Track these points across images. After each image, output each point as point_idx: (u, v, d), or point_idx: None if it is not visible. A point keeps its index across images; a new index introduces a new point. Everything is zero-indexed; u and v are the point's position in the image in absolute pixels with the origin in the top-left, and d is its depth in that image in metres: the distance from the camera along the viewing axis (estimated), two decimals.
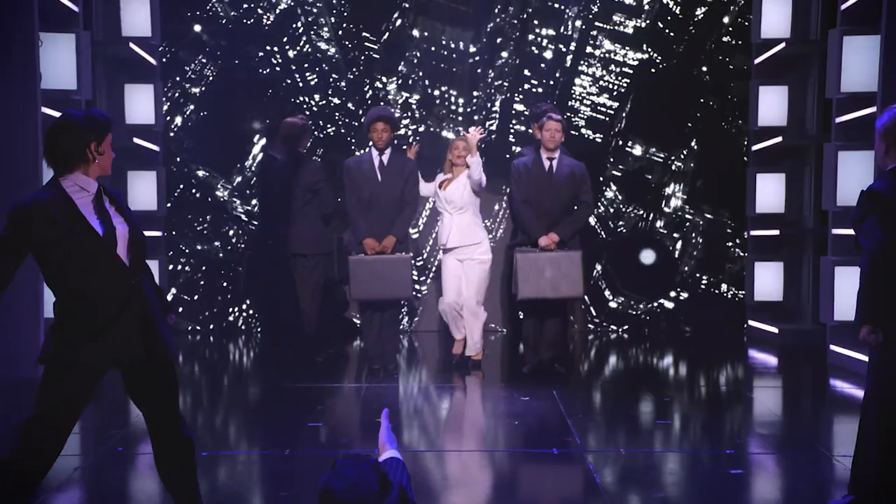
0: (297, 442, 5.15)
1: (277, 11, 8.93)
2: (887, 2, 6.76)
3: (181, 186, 9.08)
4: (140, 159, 8.44)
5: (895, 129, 3.72)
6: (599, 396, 6.50)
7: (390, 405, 6.07)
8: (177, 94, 8.97)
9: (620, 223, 9.19)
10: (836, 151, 7.23)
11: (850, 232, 5.57)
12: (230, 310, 9.12)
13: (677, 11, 8.99)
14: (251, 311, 9.04)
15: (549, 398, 6.19)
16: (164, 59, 8.83)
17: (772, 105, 8.46)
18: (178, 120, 9.01)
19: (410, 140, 8.97)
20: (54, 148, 3.22)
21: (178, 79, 8.94)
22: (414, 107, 9.05)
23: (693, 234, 9.14)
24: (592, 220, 9.01)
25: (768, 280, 8.61)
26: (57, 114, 7.18)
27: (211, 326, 9.08)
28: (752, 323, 8.92)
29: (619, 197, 9.16)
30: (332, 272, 7.72)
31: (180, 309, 9.00)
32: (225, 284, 9.12)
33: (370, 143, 7.10)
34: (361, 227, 7.01)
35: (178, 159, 9.03)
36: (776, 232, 8.55)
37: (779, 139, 8.48)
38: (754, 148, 8.80)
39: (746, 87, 8.77)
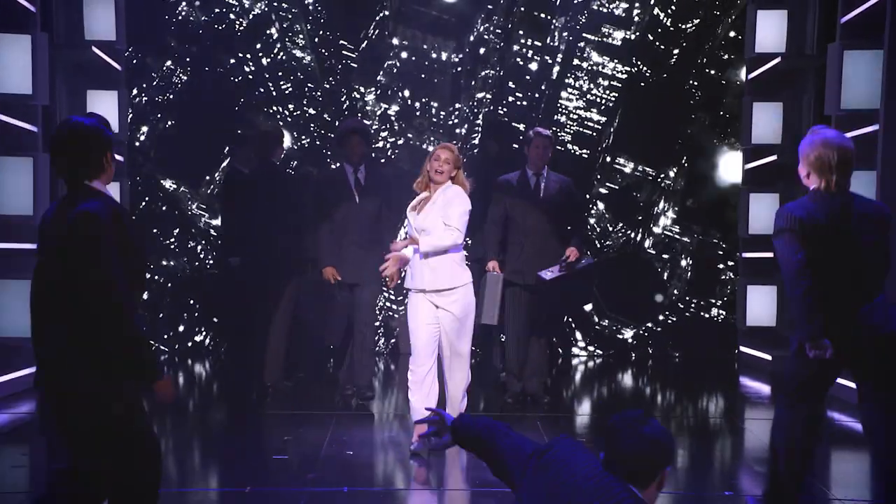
0: (259, 477, 4.76)
1: (251, 17, 8.72)
2: (890, 15, 6.50)
3: (147, 199, 8.70)
4: None
5: (812, 153, 4.00)
6: (586, 427, 6.24)
7: (364, 437, 5.67)
8: (143, 102, 8.70)
9: (607, 243, 8.90)
10: None
11: None
12: (196, 329, 8.72)
13: (668, 23, 8.83)
14: (218, 332, 8.64)
15: (534, 429, 5.84)
16: (130, 65, 8.53)
17: (766, 122, 8.26)
18: (145, 129, 8.74)
19: (389, 154, 8.65)
20: (88, 156, 3.14)
21: (144, 86, 8.67)
22: (393, 118, 8.81)
23: (683, 255, 8.86)
24: None
25: (761, 304, 8.38)
26: (11, 120, 6.83)
27: (176, 346, 8.68)
28: (743, 349, 8.72)
29: (607, 215, 8.86)
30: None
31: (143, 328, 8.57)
32: (192, 302, 8.73)
33: (343, 159, 6.74)
34: (326, 253, 6.55)
35: (144, 170, 8.67)
36: (770, 254, 8.26)
37: (773, 158, 8.26)
38: (747, 166, 8.61)
39: (739, 103, 8.58)
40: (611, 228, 8.88)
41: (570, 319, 8.76)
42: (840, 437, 6.01)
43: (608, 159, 8.92)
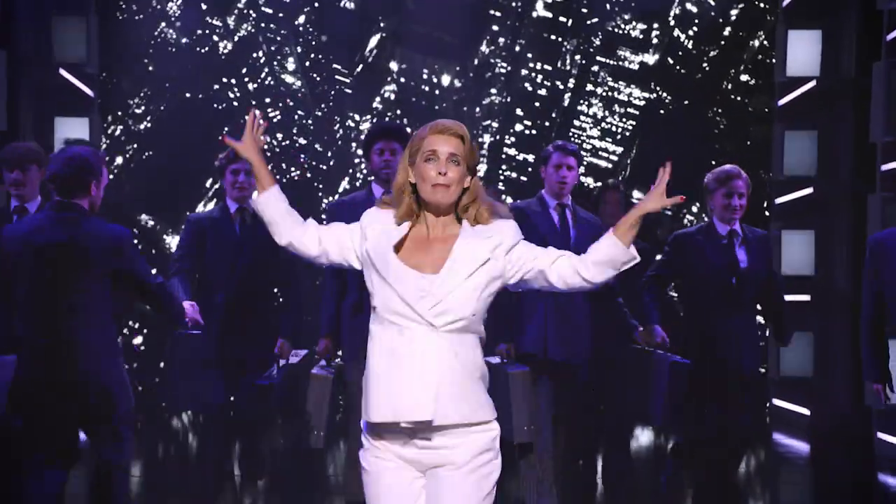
0: None
1: (236, 39, 8.33)
2: None
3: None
4: None
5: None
6: (607, 490, 5.65)
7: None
8: (118, 132, 8.31)
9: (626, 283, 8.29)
10: (881, 204, 6.40)
11: None
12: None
13: (689, 46, 8.46)
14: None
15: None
16: (103, 90, 8.08)
17: (799, 152, 7.84)
18: (119, 160, 8.34)
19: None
20: (86, 179, 3.78)
21: (119, 113, 8.26)
22: None
23: None
24: None
25: (796, 353, 7.81)
26: None
27: (153, 389, 8.13)
28: (777, 402, 8.20)
29: None
30: None
31: None
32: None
33: (369, 178, 5.18)
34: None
35: (118, 205, 8.16)
36: (805, 297, 7.81)
37: (808, 191, 7.77)
38: (778, 201, 8.11)
39: (768, 132, 8.14)
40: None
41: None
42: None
43: (625, 192, 8.43)
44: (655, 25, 8.38)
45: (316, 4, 8.26)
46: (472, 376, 2.53)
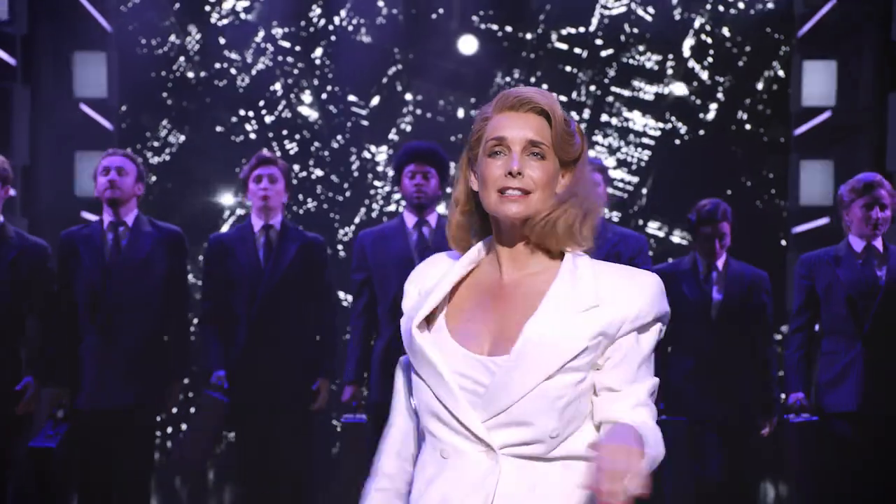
0: None
1: (253, 73, 8.25)
2: None
3: None
4: None
5: None
6: None
7: None
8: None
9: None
10: None
11: None
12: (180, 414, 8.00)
13: (704, 77, 8.32)
14: None
15: None
16: (122, 124, 8.06)
17: (816, 182, 7.77)
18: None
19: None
20: None
21: (138, 146, 8.16)
22: None
23: None
24: None
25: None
26: None
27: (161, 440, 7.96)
28: None
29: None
30: None
31: None
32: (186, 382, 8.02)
33: (403, 203, 4.73)
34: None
35: None
36: None
37: (825, 220, 7.65)
38: (795, 231, 8.01)
39: (785, 162, 8.06)
40: None
41: None
42: None
43: (641, 223, 8.33)
44: (670, 56, 8.27)
45: (332, 38, 8.21)
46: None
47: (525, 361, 1.51)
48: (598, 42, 8.26)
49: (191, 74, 8.20)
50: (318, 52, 8.27)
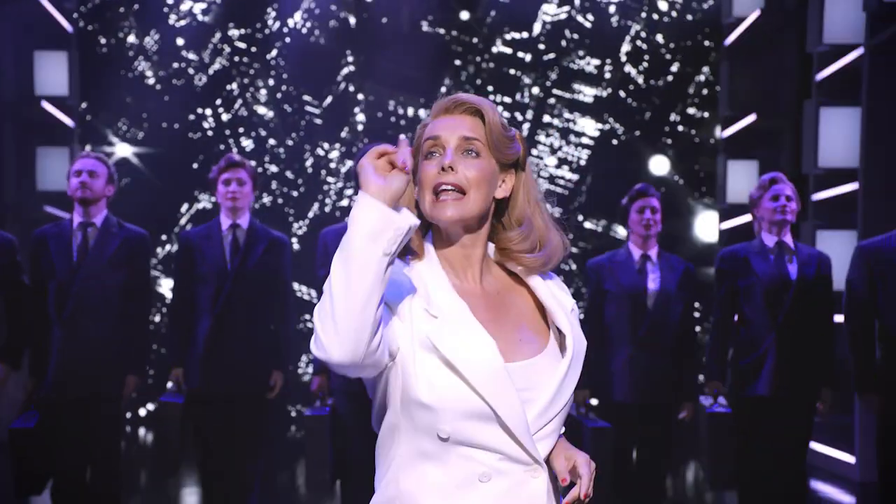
0: None
1: (210, 72, 8.46)
2: (867, 72, 6.33)
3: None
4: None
5: None
6: None
7: None
8: None
9: (580, 303, 8.57)
10: (813, 230, 6.74)
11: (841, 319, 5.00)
12: (145, 401, 8.27)
13: (640, 81, 8.68)
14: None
15: None
16: (83, 122, 8.22)
17: (742, 181, 8.02)
18: None
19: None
20: None
21: (97, 143, 8.32)
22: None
23: None
24: None
25: None
26: None
27: (128, 415, 8.21)
28: None
29: (578, 278, 8.56)
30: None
31: None
32: (151, 372, 8.28)
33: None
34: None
35: None
36: None
37: (749, 217, 7.96)
38: (723, 226, 8.36)
39: (714, 161, 8.38)
40: (583, 290, 8.57)
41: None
42: None
43: (580, 219, 8.67)
44: (608, 61, 8.59)
45: (287, 40, 8.42)
46: None
47: (577, 362, 1.52)
48: (541, 47, 8.58)
49: (150, 73, 8.37)
50: (274, 52, 8.46)
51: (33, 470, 3.96)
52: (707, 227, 8.71)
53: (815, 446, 6.95)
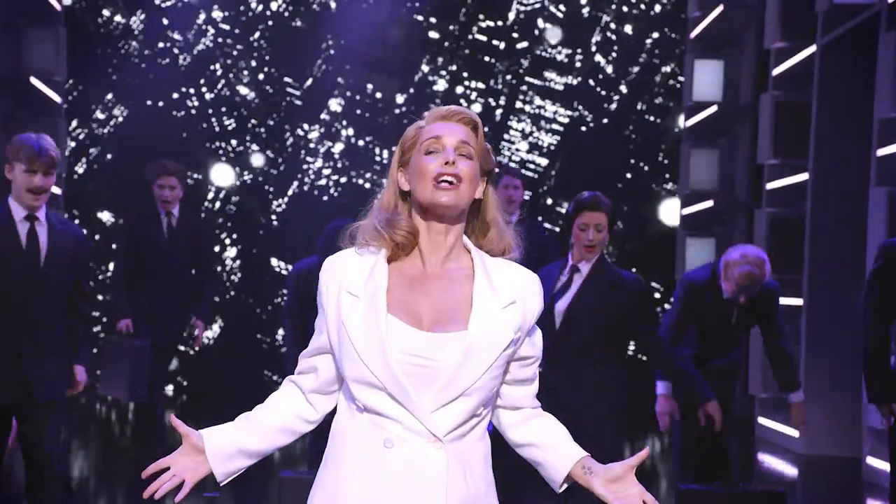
0: None
1: (195, 52, 8.68)
2: (818, 69, 6.69)
3: (84, 232, 8.54)
4: None
5: None
6: None
7: None
8: (82, 136, 8.62)
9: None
10: (766, 219, 7.09)
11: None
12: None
13: (609, 70, 8.97)
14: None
15: None
16: (70, 97, 8.42)
17: (703, 169, 8.37)
18: (83, 161, 8.66)
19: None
20: None
21: (84, 118, 8.56)
22: (336, 157, 8.76)
23: None
24: None
25: None
26: None
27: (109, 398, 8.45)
28: None
29: (548, 258, 8.90)
30: None
31: None
32: None
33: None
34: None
35: (81, 203, 8.56)
36: None
37: (709, 203, 8.34)
38: (684, 212, 8.71)
39: (678, 149, 8.69)
40: None
41: None
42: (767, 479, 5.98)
43: (550, 202, 8.98)
44: (579, 51, 8.87)
45: (269, 23, 8.65)
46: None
47: (487, 335, 1.70)
48: (515, 35, 8.86)
49: (135, 52, 8.59)
50: (256, 35, 8.69)
51: None
52: (670, 212, 9.05)
53: (763, 420, 7.37)
